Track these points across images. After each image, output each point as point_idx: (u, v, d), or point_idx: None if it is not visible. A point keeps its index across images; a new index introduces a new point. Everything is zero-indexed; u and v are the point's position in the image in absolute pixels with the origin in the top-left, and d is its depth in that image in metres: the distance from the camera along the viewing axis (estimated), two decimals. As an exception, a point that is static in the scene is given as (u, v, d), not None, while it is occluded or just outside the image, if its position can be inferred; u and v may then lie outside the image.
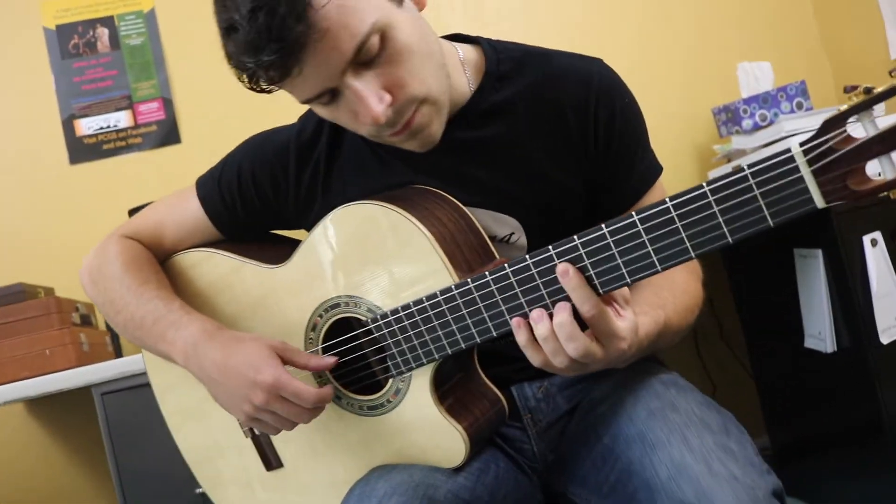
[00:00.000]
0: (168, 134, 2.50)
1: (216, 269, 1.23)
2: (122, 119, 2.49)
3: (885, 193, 0.80)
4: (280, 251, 1.18)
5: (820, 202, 0.79)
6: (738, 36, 2.68)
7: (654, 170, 1.19)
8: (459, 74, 1.14)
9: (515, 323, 0.93)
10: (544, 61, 1.15)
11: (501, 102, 1.14)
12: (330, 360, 1.09)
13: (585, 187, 1.15)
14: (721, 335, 2.56)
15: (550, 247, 0.91)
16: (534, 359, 0.94)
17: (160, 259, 1.28)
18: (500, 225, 1.14)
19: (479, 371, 1.13)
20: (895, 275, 1.90)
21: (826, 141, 0.78)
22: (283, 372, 1.04)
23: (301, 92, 1.00)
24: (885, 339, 1.88)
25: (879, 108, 2.08)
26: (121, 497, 1.91)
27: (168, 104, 2.50)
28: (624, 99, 1.14)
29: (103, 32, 2.51)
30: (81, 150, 2.47)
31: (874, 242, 1.90)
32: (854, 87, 0.80)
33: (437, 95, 1.05)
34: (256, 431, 1.22)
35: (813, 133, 0.79)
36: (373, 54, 0.97)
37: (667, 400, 1.04)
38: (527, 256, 0.93)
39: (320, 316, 1.12)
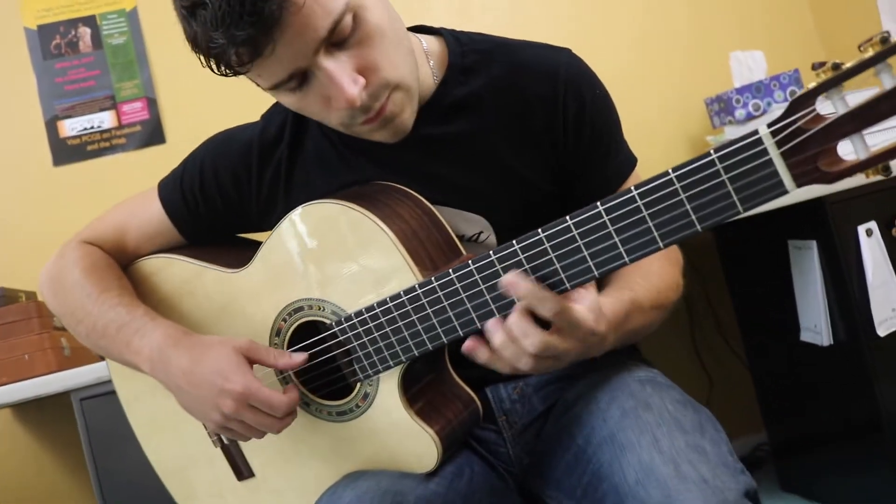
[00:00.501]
0: (152, 134, 2.46)
1: (177, 276, 1.19)
2: (105, 119, 2.45)
3: (881, 178, 0.76)
4: (242, 254, 1.14)
5: (790, 185, 0.75)
6: (731, 25, 2.64)
7: (629, 162, 1.14)
8: (424, 66, 1.10)
9: (469, 347, 0.91)
10: (510, 53, 1.11)
11: (467, 96, 1.09)
12: (299, 357, 1.05)
13: (556, 183, 1.11)
14: (718, 329, 2.52)
15: (514, 241, 0.88)
16: (502, 370, 0.91)
17: (122, 264, 1.24)
18: (468, 224, 1.10)
19: (451, 372, 1.09)
20: (891, 265, 1.86)
21: (795, 121, 0.74)
22: (253, 379, 1.00)
23: (270, 75, 0.95)
24: (881, 332, 1.84)
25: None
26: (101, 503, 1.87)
27: (152, 104, 2.47)
28: (594, 90, 1.10)
29: (85, 32, 2.47)
30: (65, 152, 2.44)
31: (869, 232, 1.86)
32: (822, 64, 0.76)
33: (410, 82, 1.01)
34: (225, 440, 1.19)
35: (780, 113, 0.75)
36: (345, 34, 0.93)
37: (641, 399, 1.00)
38: (490, 252, 0.89)
39: (284, 320, 1.09)
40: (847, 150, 0.74)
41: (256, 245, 1.17)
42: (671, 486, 0.85)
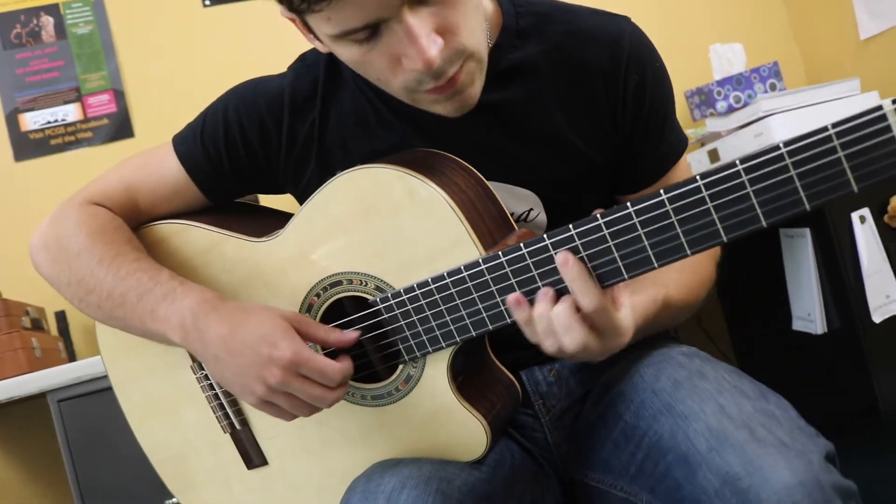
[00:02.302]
0: (120, 128, 2.34)
1: (191, 244, 1.08)
2: (70, 113, 2.33)
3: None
4: (267, 224, 1.06)
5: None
6: (709, 18, 2.63)
7: (682, 142, 1.10)
8: None
9: (515, 300, 0.86)
10: (569, 17, 1.04)
11: (521, 62, 1.02)
12: (352, 334, 0.96)
13: (610, 158, 1.06)
14: (699, 324, 2.51)
15: (571, 226, 0.83)
16: (530, 336, 0.88)
17: (132, 227, 1.12)
18: (518, 200, 1.03)
19: (491, 354, 1.04)
20: (884, 251, 1.86)
21: (923, 96, 0.70)
22: (304, 346, 0.91)
23: (344, 19, 0.84)
24: (877, 318, 1.84)
25: None
26: (80, 506, 1.77)
27: (119, 96, 2.35)
28: (655, 63, 1.05)
29: (48, 21, 2.34)
30: (27, 146, 2.30)
31: (863, 219, 1.85)
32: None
33: (483, 51, 0.93)
34: (237, 425, 1.10)
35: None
36: None
37: (693, 369, 0.96)
38: (570, 226, 0.83)
39: (317, 296, 1.00)
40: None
41: (281, 214, 1.10)
42: (749, 450, 0.80)
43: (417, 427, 0.99)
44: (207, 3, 2.22)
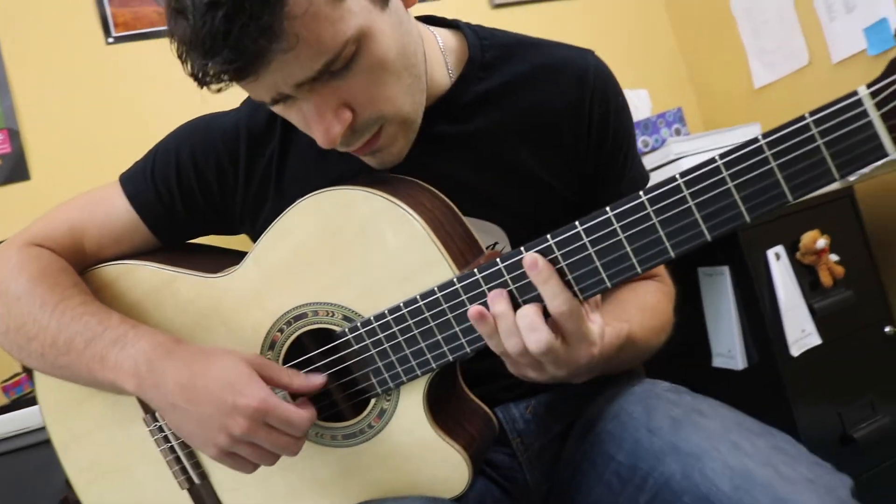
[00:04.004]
0: (15, 169, 2.19)
1: (142, 284, 1.01)
2: (-40, 152, 2.18)
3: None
4: (221, 261, 1.00)
5: (891, 148, 0.71)
6: (614, 65, 2.70)
7: (645, 177, 1.10)
8: (439, 64, 0.99)
9: (477, 312, 0.82)
10: (534, 51, 1.03)
11: (486, 93, 1.00)
12: (319, 379, 0.91)
13: (574, 191, 1.04)
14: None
15: (548, 235, 0.81)
16: (495, 347, 0.84)
17: (77, 271, 1.04)
18: (483, 233, 1.00)
19: (464, 386, 0.99)
20: (799, 287, 1.92)
21: (894, 81, 0.72)
22: (271, 393, 0.85)
23: (251, 92, 0.85)
24: (794, 352, 1.88)
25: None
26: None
27: (14, 135, 2.20)
28: (619, 97, 1.05)
29: (-66, 54, 2.20)
30: (-88, 188, 2.13)
31: (778, 256, 1.91)
32: (906, 30, 0.75)
33: (407, 113, 0.90)
34: (196, 479, 1.02)
35: (879, 74, 0.72)
36: (339, 67, 0.82)
37: (687, 406, 0.93)
38: (548, 236, 0.81)
39: (280, 331, 0.94)
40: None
41: (236, 252, 1.03)
42: (779, 488, 0.78)
43: (394, 465, 0.93)
44: (111, 40, 2.12)
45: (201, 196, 1.04)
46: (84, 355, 0.92)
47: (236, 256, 1.00)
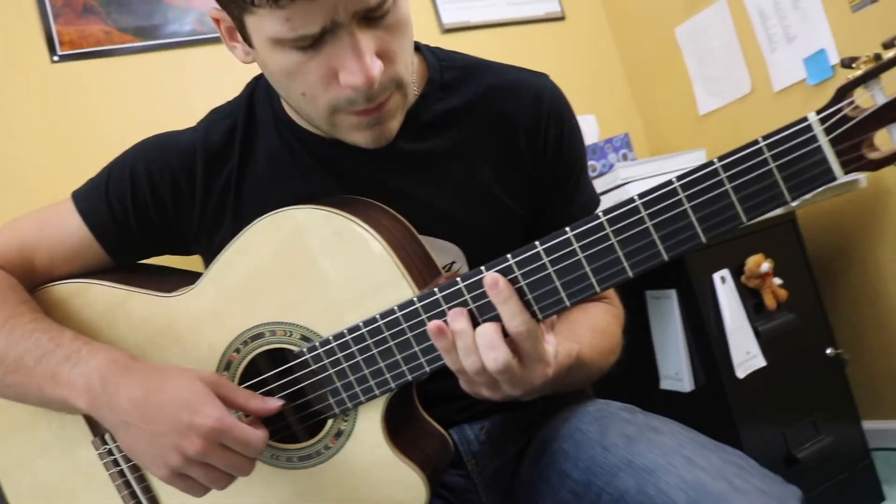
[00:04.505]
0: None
1: (95, 303, 0.99)
2: None
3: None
4: (176, 281, 0.98)
5: (839, 172, 0.74)
6: (564, 90, 2.75)
7: (596, 200, 1.12)
8: None
9: (437, 328, 0.82)
10: (491, 73, 1.05)
11: (445, 113, 1.01)
12: (275, 402, 0.89)
13: (530, 211, 1.05)
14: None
15: (509, 255, 0.82)
16: (452, 364, 0.84)
17: (27, 289, 1.02)
18: (440, 253, 1.00)
19: (419, 407, 0.99)
20: (744, 310, 1.95)
21: (841, 108, 0.74)
22: (227, 412, 0.84)
23: (301, 22, 0.80)
24: (740, 374, 1.91)
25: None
26: None
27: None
28: (572, 120, 1.07)
29: None
30: None
31: (723, 280, 1.94)
32: (854, 59, 0.77)
33: (409, 87, 0.92)
34: (145, 502, 1.00)
35: (828, 101, 0.75)
36: (384, 12, 0.83)
37: (641, 424, 0.95)
38: (508, 255, 0.82)
39: (237, 351, 0.93)
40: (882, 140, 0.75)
41: (191, 273, 1.02)
42: (733, 500, 0.79)
43: (351, 486, 0.92)
44: (56, 58, 2.08)
45: (156, 214, 1.03)
46: (34, 373, 0.90)
47: (191, 277, 0.99)
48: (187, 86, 2.19)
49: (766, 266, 1.95)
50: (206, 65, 2.20)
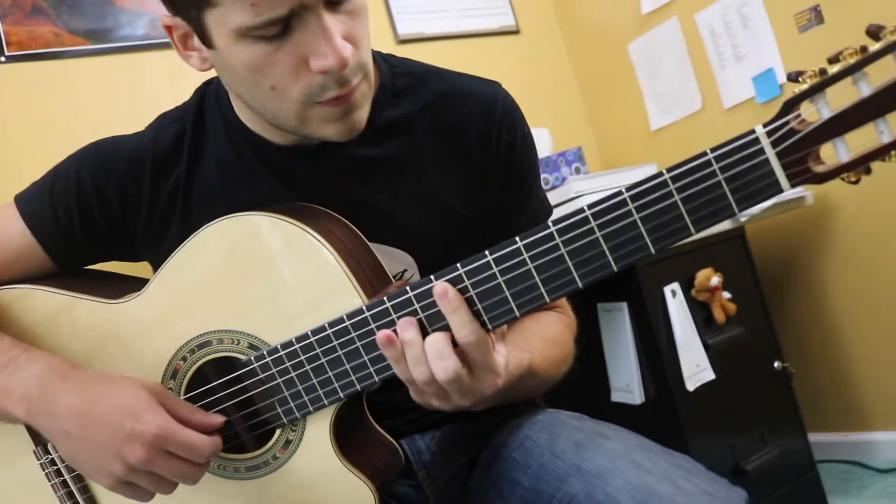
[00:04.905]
0: None
1: (35, 310, 0.97)
2: None
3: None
4: (124, 287, 0.97)
5: (786, 185, 0.75)
6: (519, 103, 2.77)
7: (548, 209, 1.12)
8: None
9: (385, 337, 0.81)
10: (443, 80, 1.05)
11: (397, 119, 1.01)
12: (218, 418, 0.88)
13: (482, 218, 1.05)
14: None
15: (458, 264, 0.81)
16: (401, 373, 0.83)
17: None
18: (392, 261, 1.00)
19: (370, 417, 0.98)
20: (693, 323, 1.98)
21: (788, 122, 0.75)
22: (169, 419, 0.82)
23: (267, 6, 0.79)
24: (690, 386, 1.93)
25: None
26: None
27: None
28: (524, 128, 1.07)
29: None
30: None
31: (674, 293, 1.96)
32: (800, 73, 0.79)
33: (372, 75, 0.92)
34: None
35: (775, 115, 0.76)
36: None
37: (590, 430, 0.95)
38: (458, 265, 0.81)
39: (184, 359, 0.92)
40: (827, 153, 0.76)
41: (139, 280, 1.00)
42: (679, 501, 0.79)
43: (299, 497, 0.91)
44: (2, 59, 2.03)
45: (102, 219, 1.00)
46: None
47: (137, 283, 0.97)
48: (139, 90, 2.16)
49: (715, 280, 1.98)
50: (159, 70, 2.17)
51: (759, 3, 2.22)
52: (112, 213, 1.00)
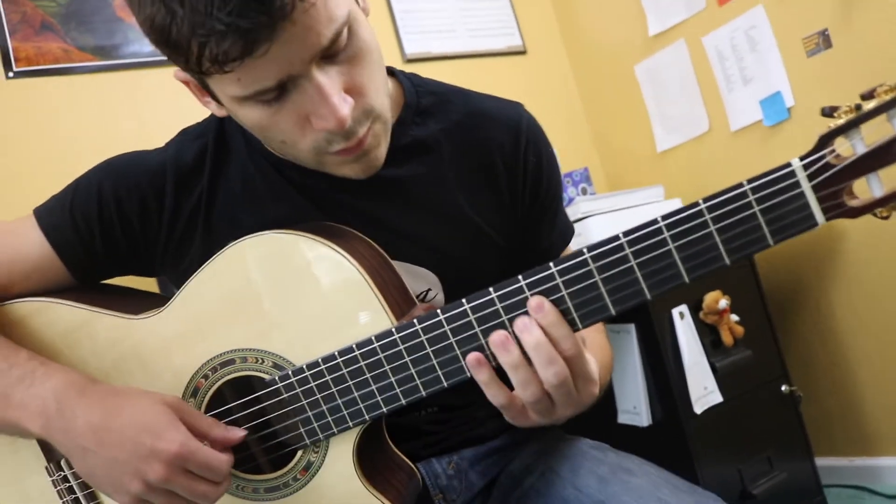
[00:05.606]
0: None
1: (54, 324, 0.95)
2: None
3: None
4: (144, 302, 0.96)
5: (820, 218, 0.75)
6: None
7: (571, 229, 1.11)
8: None
9: (474, 360, 0.79)
10: (468, 99, 1.04)
11: (423, 138, 1.00)
12: (239, 432, 0.87)
13: (508, 238, 1.04)
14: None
15: (520, 277, 0.79)
16: (497, 397, 0.80)
17: None
18: (416, 280, 0.98)
19: (388, 439, 0.97)
20: (701, 346, 1.97)
21: (824, 156, 0.75)
22: (191, 437, 0.81)
23: (254, 80, 0.78)
24: (698, 409, 1.92)
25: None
26: None
27: None
28: (549, 148, 1.06)
29: None
30: None
31: (682, 315, 1.96)
32: (835, 108, 0.79)
33: (387, 113, 0.90)
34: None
35: (811, 148, 0.76)
36: (340, 48, 0.80)
37: (613, 464, 0.94)
38: (490, 289, 0.80)
39: (205, 377, 0.91)
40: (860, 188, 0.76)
41: (158, 296, 0.99)
42: None
43: (319, 519, 0.90)
44: (11, 74, 2.02)
45: (122, 234, 0.99)
46: None
47: (157, 298, 0.96)
48: (146, 106, 2.16)
49: (723, 303, 1.98)
50: (166, 86, 2.17)
51: (767, 27, 2.23)
52: (133, 227, 0.99)
